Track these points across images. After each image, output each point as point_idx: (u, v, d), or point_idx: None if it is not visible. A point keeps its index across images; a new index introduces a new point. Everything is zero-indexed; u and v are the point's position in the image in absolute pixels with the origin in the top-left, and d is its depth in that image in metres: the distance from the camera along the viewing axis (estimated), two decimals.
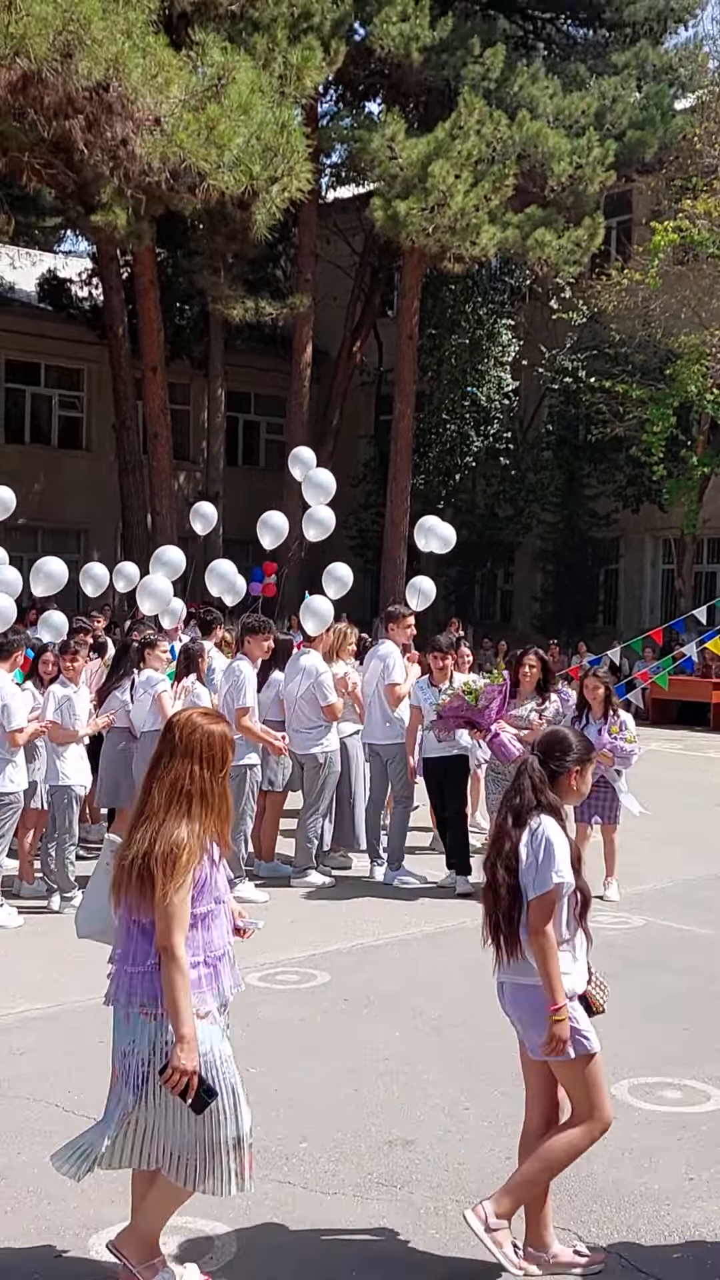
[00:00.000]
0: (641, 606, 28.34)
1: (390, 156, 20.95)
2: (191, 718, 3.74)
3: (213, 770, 3.67)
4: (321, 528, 11.34)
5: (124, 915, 3.69)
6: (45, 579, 10.77)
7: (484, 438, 27.71)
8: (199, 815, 3.63)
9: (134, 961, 3.67)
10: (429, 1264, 3.99)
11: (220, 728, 3.74)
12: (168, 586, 10.74)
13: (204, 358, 27.64)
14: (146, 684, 8.93)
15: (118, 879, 3.66)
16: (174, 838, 3.56)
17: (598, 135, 22.41)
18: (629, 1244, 4.15)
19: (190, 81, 13.10)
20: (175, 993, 3.54)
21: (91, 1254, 4.01)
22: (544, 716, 8.73)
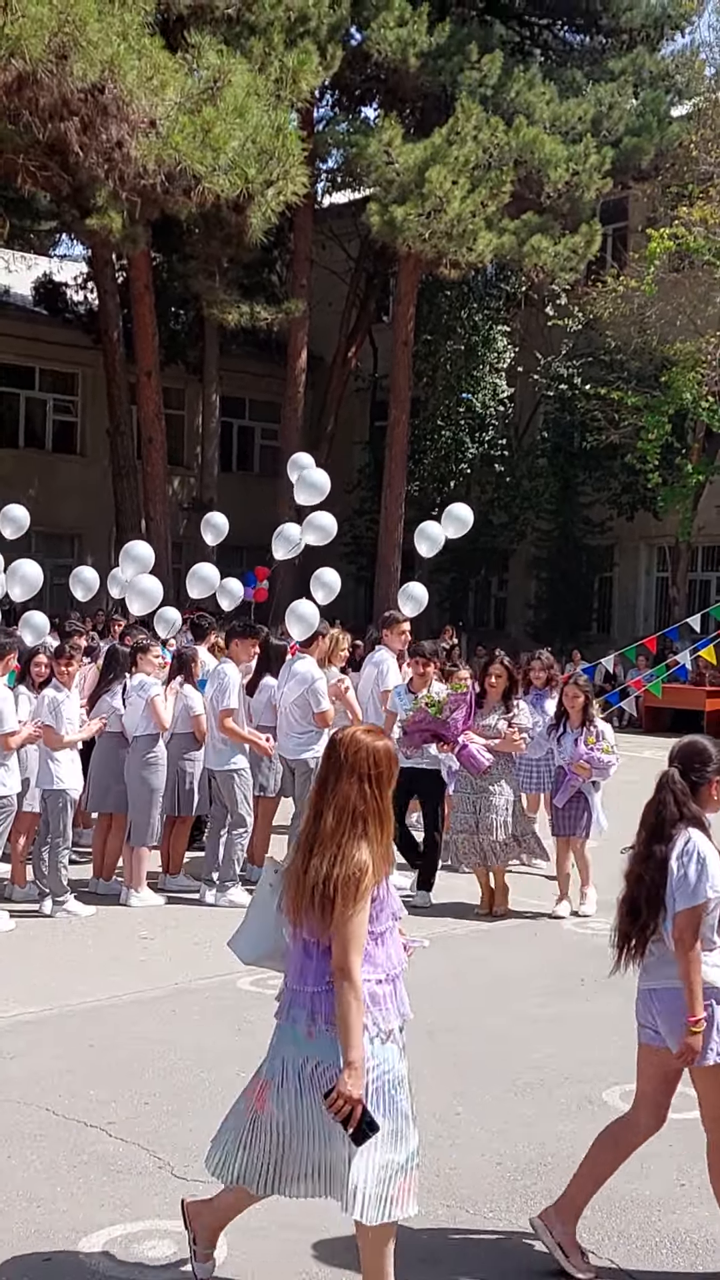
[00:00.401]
0: (636, 614, 28.34)
1: (387, 162, 20.95)
2: (355, 735, 3.67)
3: (380, 788, 3.62)
4: (323, 533, 11.30)
5: (302, 938, 3.64)
6: (20, 582, 10.71)
7: (479, 444, 27.71)
8: (374, 836, 3.57)
9: (315, 981, 3.61)
10: (419, 1269, 3.96)
11: (384, 743, 3.68)
12: (157, 585, 10.67)
13: (199, 363, 27.62)
14: (139, 688, 8.90)
15: (296, 902, 3.60)
16: (356, 861, 3.51)
17: (594, 142, 22.43)
18: (621, 1249, 4.13)
19: (186, 84, 13.08)
20: (349, 1016, 3.48)
21: (81, 1258, 3.97)
22: (514, 725, 8.63)
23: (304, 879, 3.56)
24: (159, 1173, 4.58)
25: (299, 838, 3.71)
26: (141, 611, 10.97)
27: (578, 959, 7.62)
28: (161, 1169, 4.60)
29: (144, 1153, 4.73)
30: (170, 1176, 4.55)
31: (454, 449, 27.54)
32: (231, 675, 8.89)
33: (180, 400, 29.76)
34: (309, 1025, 3.60)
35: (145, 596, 10.50)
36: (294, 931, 3.68)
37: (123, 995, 6.68)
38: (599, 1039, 6.16)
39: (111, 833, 9.22)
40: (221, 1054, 5.81)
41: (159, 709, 8.73)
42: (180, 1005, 6.54)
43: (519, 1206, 4.40)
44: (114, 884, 9.02)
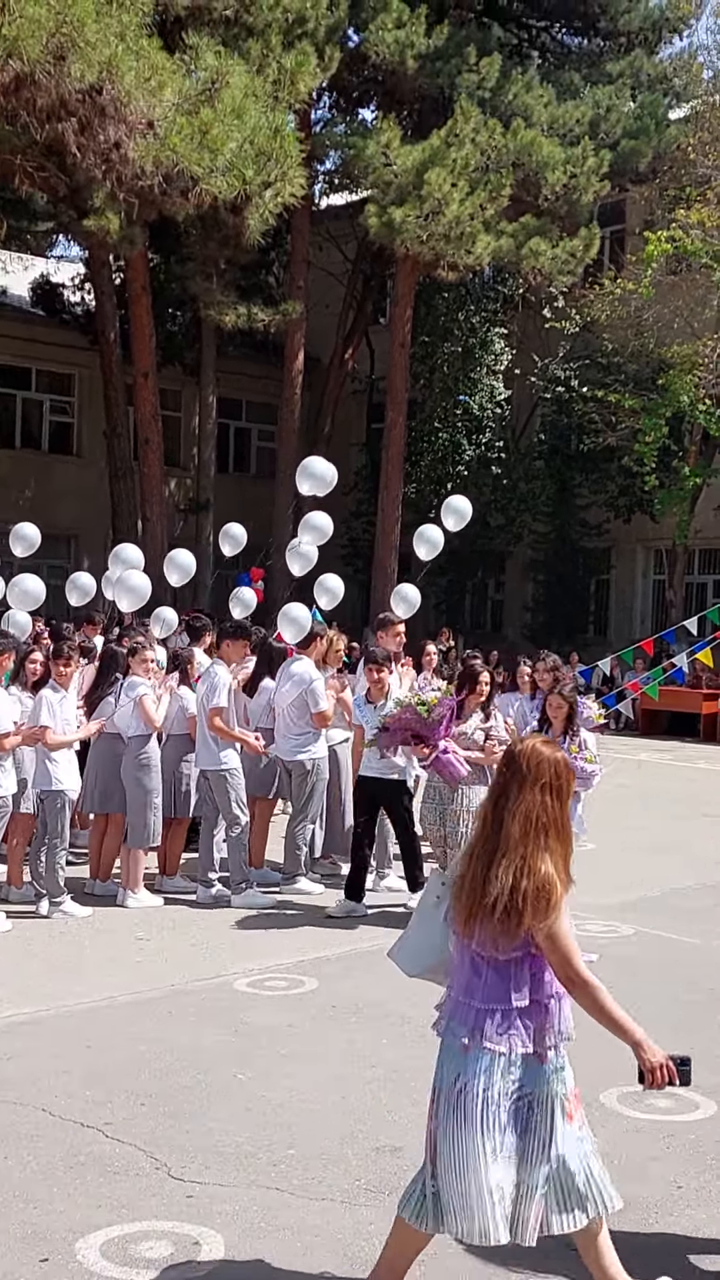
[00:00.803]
0: (632, 617, 28.35)
1: (385, 163, 20.97)
2: (535, 747, 3.64)
3: (560, 800, 3.59)
4: (318, 533, 11.29)
5: (471, 951, 3.62)
6: (21, 597, 10.69)
7: (476, 447, 27.72)
8: (555, 847, 3.55)
9: (484, 999, 3.59)
10: (416, 1270, 3.95)
11: (563, 755, 3.67)
12: (145, 581, 10.62)
13: (195, 364, 27.61)
14: (129, 688, 8.91)
15: (470, 914, 3.57)
16: (544, 874, 3.49)
17: (592, 144, 22.46)
18: (618, 1252, 4.11)
19: (184, 85, 13.08)
20: (607, 1011, 3.52)
21: (78, 1258, 3.96)
22: (494, 736, 8.47)
23: (483, 890, 3.52)
24: (155, 1174, 4.57)
25: (470, 848, 3.66)
26: (130, 609, 10.93)
27: None
28: (158, 1170, 4.60)
29: (140, 1154, 4.72)
30: (167, 1178, 4.54)
31: (451, 451, 27.55)
32: (222, 675, 8.90)
33: (177, 402, 29.75)
34: (467, 1039, 3.60)
35: (134, 593, 10.46)
36: (462, 944, 3.64)
37: (119, 996, 6.67)
38: (597, 1042, 6.12)
39: (109, 834, 9.21)
40: (218, 1055, 5.80)
41: (147, 708, 8.73)
42: (177, 1006, 6.53)
43: None
44: (111, 885, 9.01)
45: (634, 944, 8.02)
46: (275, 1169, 4.64)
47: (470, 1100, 3.51)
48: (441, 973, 3.83)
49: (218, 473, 28.64)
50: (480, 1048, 3.54)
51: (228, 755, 8.88)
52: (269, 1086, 5.44)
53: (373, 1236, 4.15)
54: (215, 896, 8.84)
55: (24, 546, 11.93)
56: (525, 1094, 3.57)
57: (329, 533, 11.32)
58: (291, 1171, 4.63)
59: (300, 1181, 4.55)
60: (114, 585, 11.09)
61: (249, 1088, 5.43)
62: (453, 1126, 3.54)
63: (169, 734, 9.29)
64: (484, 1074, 3.52)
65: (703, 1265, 4.08)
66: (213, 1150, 4.77)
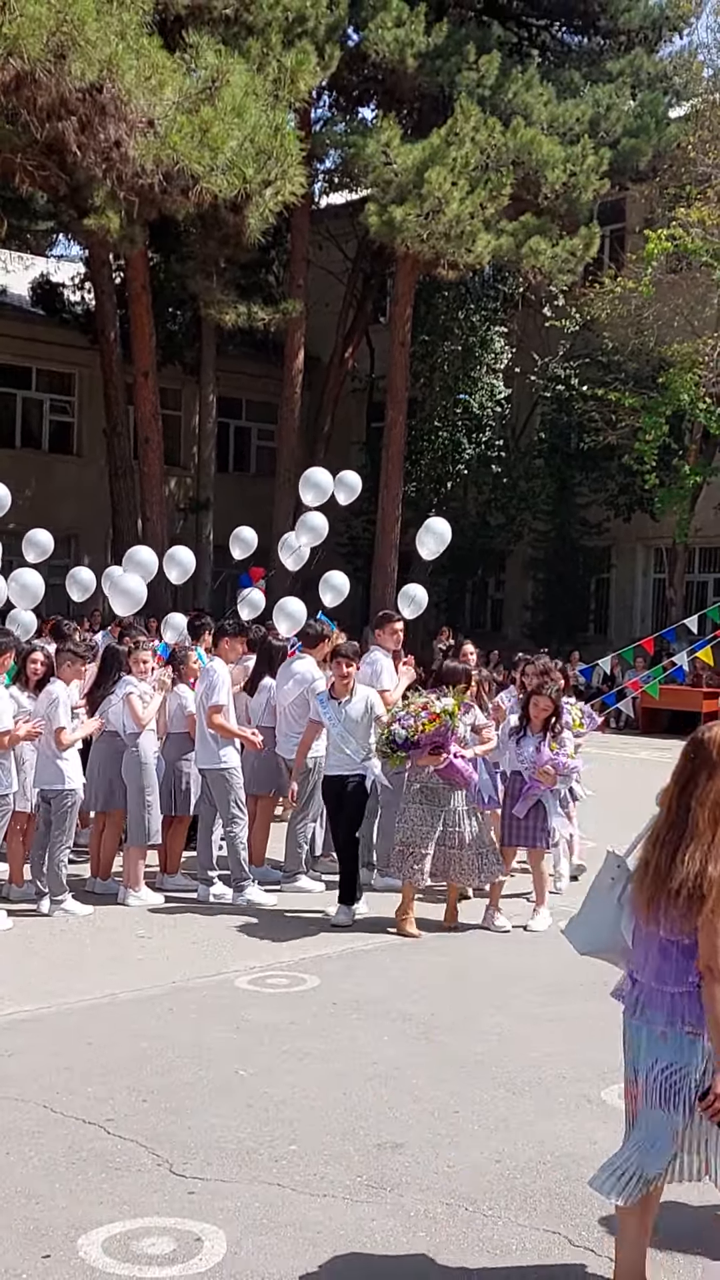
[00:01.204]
0: (633, 615, 28.35)
1: (385, 162, 20.95)
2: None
3: None
4: (315, 534, 11.30)
5: (657, 935, 3.63)
6: (21, 592, 10.70)
7: (476, 445, 27.72)
8: None
9: (675, 982, 3.62)
10: (417, 1267, 3.96)
11: None
12: (141, 585, 10.63)
13: (196, 363, 27.61)
14: (122, 686, 8.93)
15: (652, 899, 3.59)
16: None
17: (592, 143, 22.44)
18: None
19: (184, 84, 13.07)
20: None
21: (80, 1255, 3.97)
22: (478, 726, 8.41)
23: (668, 875, 3.54)
24: (157, 1170, 4.57)
25: (653, 833, 3.69)
26: (125, 612, 10.93)
27: (577, 959, 7.61)
28: (160, 1166, 4.60)
29: (142, 1150, 4.72)
30: (169, 1174, 4.54)
31: (451, 450, 27.55)
32: (220, 672, 8.89)
33: (177, 401, 29.75)
34: (665, 1027, 3.62)
35: (128, 596, 10.46)
36: (645, 929, 3.67)
37: (121, 994, 6.67)
38: (598, 1039, 6.15)
39: (109, 832, 9.22)
40: (220, 1051, 5.81)
41: (135, 707, 8.74)
42: (178, 1003, 6.54)
43: (518, 1204, 4.39)
44: (111, 883, 9.01)
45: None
46: (277, 1165, 4.65)
47: (681, 1081, 3.60)
48: (614, 954, 3.91)
49: (218, 472, 28.64)
50: (681, 1033, 3.61)
51: (227, 754, 8.88)
52: (270, 1083, 5.45)
53: (374, 1232, 4.16)
54: (216, 895, 8.84)
55: (36, 553, 11.95)
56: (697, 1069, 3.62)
57: (324, 533, 11.33)
58: (293, 1168, 4.63)
59: (302, 1177, 4.55)
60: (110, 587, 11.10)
61: (250, 1084, 5.43)
62: (661, 1106, 3.65)
63: (169, 732, 9.29)
64: (691, 1057, 3.59)
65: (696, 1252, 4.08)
66: (214, 1146, 4.78)
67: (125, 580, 10.68)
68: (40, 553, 11.98)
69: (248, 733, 9.13)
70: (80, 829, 10.06)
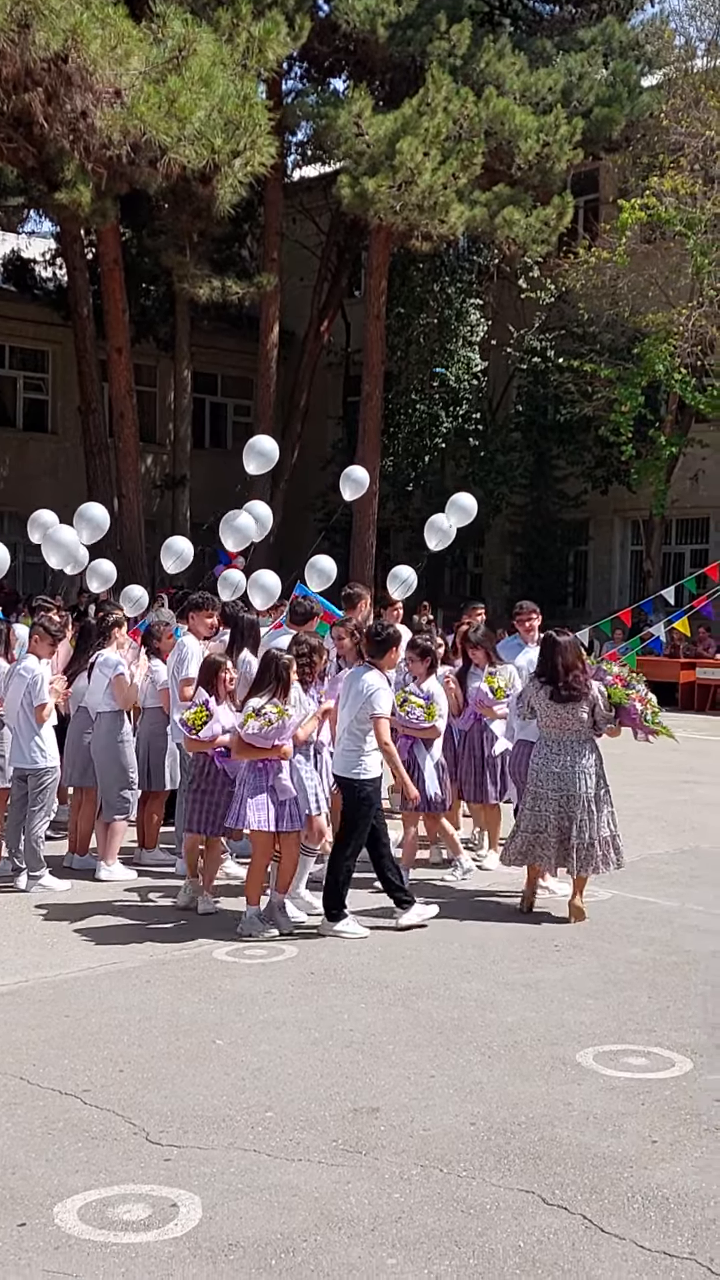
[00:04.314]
0: (610, 588, 28.39)
1: (357, 133, 20.80)
2: None
3: None
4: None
5: None
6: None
7: (453, 419, 27.64)
8: None
9: None
10: (393, 1227, 3.98)
11: None
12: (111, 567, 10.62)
13: (170, 339, 27.44)
14: (104, 665, 8.87)
15: None
16: None
17: (565, 112, 22.31)
18: (593, 1205, 4.16)
19: (151, 54, 12.92)
20: None
21: (56, 1222, 3.97)
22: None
23: None
24: (134, 1138, 4.58)
25: None
26: (99, 589, 10.89)
27: (554, 926, 7.67)
28: (136, 1134, 4.61)
29: (118, 1119, 4.73)
30: (145, 1142, 4.55)
31: (428, 424, 27.46)
32: (191, 646, 8.86)
33: (152, 377, 29.58)
34: None
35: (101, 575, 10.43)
36: None
37: (98, 967, 6.68)
38: (573, 1003, 6.20)
39: (87, 808, 9.20)
40: (197, 1021, 5.82)
41: (122, 689, 8.71)
42: (155, 976, 6.54)
43: (492, 1165, 4.42)
44: (89, 859, 9.00)
45: (611, 908, 8.06)
46: (253, 1131, 4.66)
47: None
48: None
49: (194, 448, 28.51)
50: None
51: None
52: (247, 1051, 5.46)
53: (350, 1195, 4.18)
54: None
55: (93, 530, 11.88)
56: None
57: (269, 524, 11.37)
58: (269, 1133, 4.65)
59: (278, 1143, 4.57)
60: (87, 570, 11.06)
61: (227, 1053, 5.44)
62: None
63: (143, 707, 9.27)
64: None
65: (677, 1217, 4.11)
66: (190, 1114, 4.79)
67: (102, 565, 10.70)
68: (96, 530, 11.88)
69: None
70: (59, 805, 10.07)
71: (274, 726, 7.13)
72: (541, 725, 7.88)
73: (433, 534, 11.52)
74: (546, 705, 7.78)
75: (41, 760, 8.37)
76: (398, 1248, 3.85)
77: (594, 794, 7.75)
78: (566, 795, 7.70)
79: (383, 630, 7.76)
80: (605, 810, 7.80)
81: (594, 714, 7.76)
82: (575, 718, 7.74)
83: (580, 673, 7.79)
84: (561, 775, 7.73)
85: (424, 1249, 3.85)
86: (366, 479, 11.47)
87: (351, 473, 12.47)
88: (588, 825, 7.69)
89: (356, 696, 7.42)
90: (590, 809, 7.71)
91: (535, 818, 7.76)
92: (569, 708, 7.74)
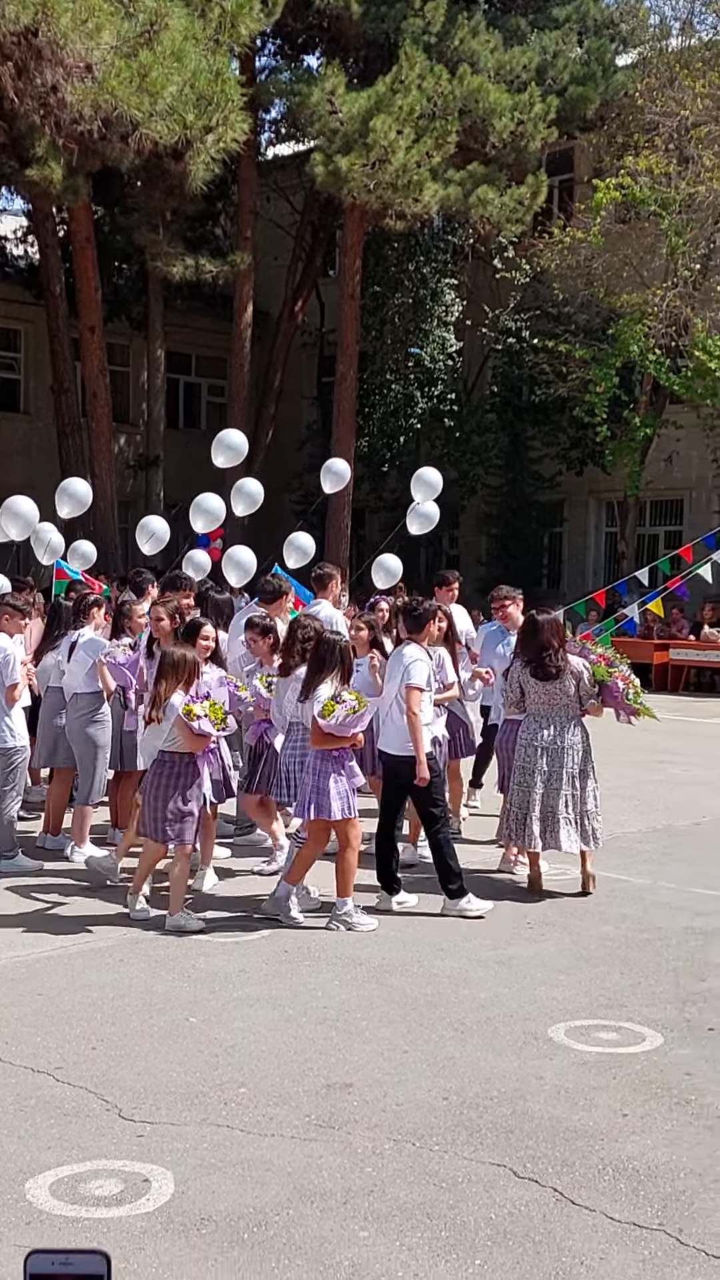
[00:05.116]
0: (585, 569, 28.45)
1: (330, 111, 20.68)
2: None
3: None
4: (250, 500, 11.31)
5: None
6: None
7: (428, 399, 27.59)
8: None
9: None
10: (365, 1200, 3.99)
11: None
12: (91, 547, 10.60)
13: (143, 318, 27.27)
14: (88, 647, 8.81)
15: None
16: None
17: (539, 91, 22.25)
18: (564, 1177, 4.18)
19: (122, 27, 12.78)
20: None
21: (28, 1198, 3.97)
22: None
23: None
24: (106, 1115, 4.58)
25: None
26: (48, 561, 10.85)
27: (527, 903, 7.70)
28: (108, 1111, 4.61)
29: (91, 1096, 4.73)
30: (117, 1118, 4.55)
31: (403, 404, 27.41)
32: (165, 626, 8.82)
33: (125, 356, 29.39)
34: None
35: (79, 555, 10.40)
36: None
37: (71, 946, 6.66)
38: (546, 979, 6.23)
39: (61, 789, 9.16)
40: (170, 999, 5.82)
41: (106, 674, 8.66)
42: (129, 955, 6.54)
43: (464, 1139, 4.44)
44: (61, 839, 8.98)
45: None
46: (226, 1108, 4.67)
47: None
48: None
49: (168, 428, 28.37)
50: None
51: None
52: (220, 1028, 5.46)
53: (322, 1169, 4.19)
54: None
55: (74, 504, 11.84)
56: None
57: (259, 500, 11.32)
58: (243, 1109, 4.65)
59: (251, 1119, 4.57)
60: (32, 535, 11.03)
61: (201, 1030, 5.44)
62: None
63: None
64: None
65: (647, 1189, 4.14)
66: (163, 1091, 4.79)
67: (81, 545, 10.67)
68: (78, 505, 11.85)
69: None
70: (33, 786, 10.03)
71: (356, 715, 7.04)
72: (530, 702, 7.96)
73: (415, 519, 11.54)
74: (532, 684, 7.89)
75: (10, 739, 8.32)
76: (370, 1220, 3.87)
77: (580, 769, 7.85)
78: (553, 771, 7.77)
79: (417, 605, 7.83)
80: (590, 785, 7.88)
81: (579, 689, 7.85)
82: (562, 693, 7.85)
83: (559, 650, 7.84)
84: (549, 750, 7.81)
85: (396, 1221, 3.86)
86: (347, 472, 11.47)
87: (333, 465, 12.47)
88: (572, 800, 7.77)
89: (398, 673, 7.48)
90: (575, 784, 7.81)
91: (522, 793, 7.84)
92: (554, 684, 7.84)
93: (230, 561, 9.66)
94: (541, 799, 7.77)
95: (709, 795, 11.59)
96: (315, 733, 7.05)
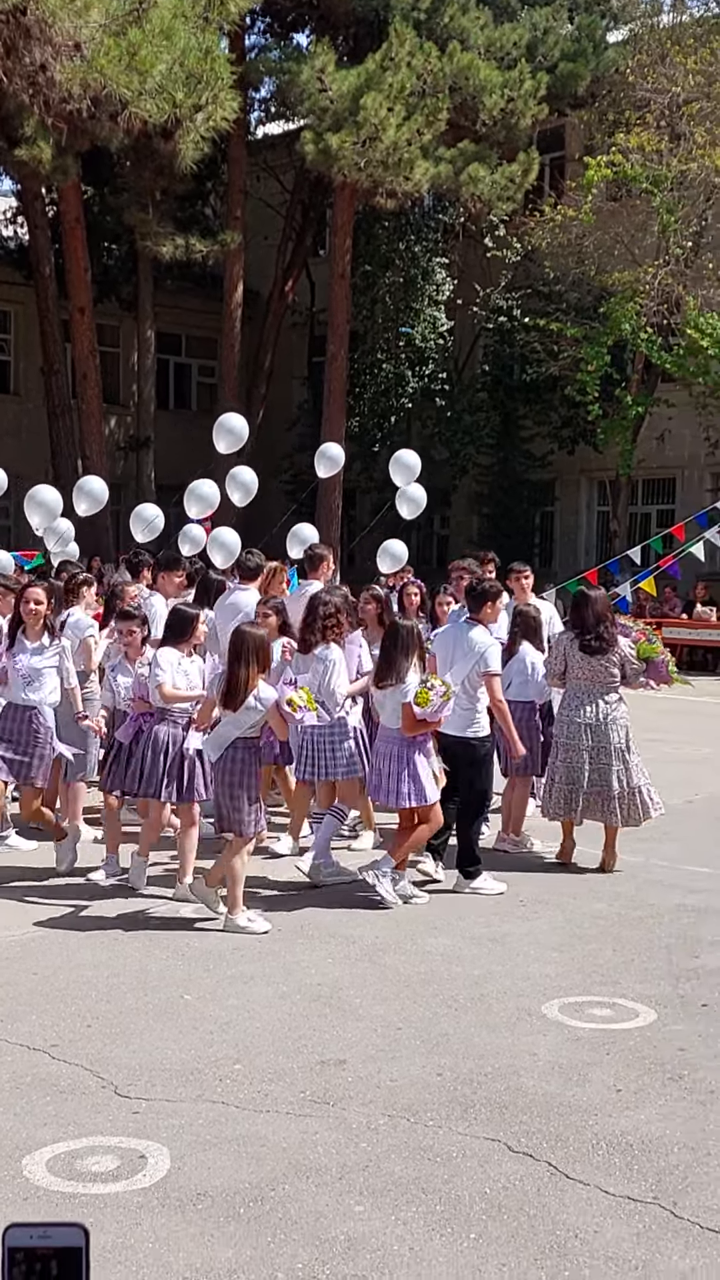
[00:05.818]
0: (577, 549, 28.45)
1: (320, 89, 20.57)
2: None
3: None
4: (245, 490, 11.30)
5: None
6: None
7: (419, 379, 27.52)
8: None
9: None
10: (360, 1175, 4.02)
11: None
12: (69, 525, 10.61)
13: (133, 298, 27.15)
14: (75, 627, 8.81)
15: None
16: None
17: (529, 68, 22.14)
18: (558, 1152, 4.21)
19: (111, 6, 12.68)
20: None
21: (24, 1174, 3.99)
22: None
23: None
24: (102, 1092, 4.60)
25: None
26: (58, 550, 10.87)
27: (520, 880, 7.73)
28: (104, 1088, 4.63)
29: (87, 1073, 4.75)
30: (114, 1095, 4.57)
31: (394, 384, 27.34)
32: (158, 607, 8.84)
33: (115, 337, 29.27)
34: None
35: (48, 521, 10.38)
36: None
37: (65, 925, 6.68)
38: (539, 956, 6.26)
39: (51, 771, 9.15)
40: (164, 977, 5.84)
41: (90, 651, 8.66)
42: (124, 934, 6.55)
43: (458, 1114, 4.47)
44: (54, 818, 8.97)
45: (577, 863, 8.13)
46: (221, 1084, 4.69)
47: None
48: None
49: (158, 409, 28.29)
50: None
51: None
52: (215, 1006, 5.49)
53: (318, 1145, 4.22)
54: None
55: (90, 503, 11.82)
56: None
57: (254, 490, 11.31)
58: (237, 1086, 4.68)
59: (246, 1095, 4.60)
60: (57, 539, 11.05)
61: (195, 1007, 5.47)
62: None
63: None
64: None
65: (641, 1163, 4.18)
66: (159, 1068, 4.81)
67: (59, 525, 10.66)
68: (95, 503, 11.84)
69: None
70: None
71: (447, 700, 7.05)
72: (571, 677, 7.99)
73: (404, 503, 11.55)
74: (577, 657, 7.93)
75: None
76: (365, 1195, 3.90)
77: (625, 744, 7.92)
78: (599, 746, 7.86)
79: (480, 584, 7.85)
80: (635, 759, 7.95)
81: (623, 668, 7.94)
82: (605, 670, 7.91)
83: (610, 625, 7.97)
84: (594, 727, 7.88)
85: (391, 1196, 3.89)
86: (341, 456, 11.46)
87: (327, 450, 12.45)
88: (624, 775, 7.84)
89: (466, 655, 7.42)
90: (625, 759, 7.88)
91: (569, 770, 7.88)
92: (599, 660, 7.90)
93: (215, 543, 9.65)
94: (588, 775, 7.84)
95: (702, 773, 11.63)
96: (408, 720, 7.04)
